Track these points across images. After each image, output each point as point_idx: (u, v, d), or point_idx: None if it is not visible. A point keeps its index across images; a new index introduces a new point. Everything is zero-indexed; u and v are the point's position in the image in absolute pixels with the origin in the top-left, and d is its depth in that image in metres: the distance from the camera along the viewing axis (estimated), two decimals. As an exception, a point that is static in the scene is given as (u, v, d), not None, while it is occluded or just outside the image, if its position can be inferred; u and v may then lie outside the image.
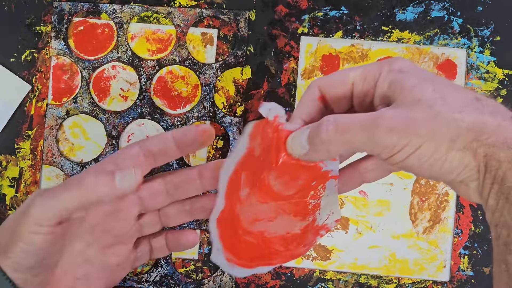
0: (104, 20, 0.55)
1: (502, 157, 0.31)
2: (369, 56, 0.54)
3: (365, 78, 0.35)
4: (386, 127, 0.31)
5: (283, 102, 0.54)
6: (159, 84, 0.55)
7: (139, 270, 0.54)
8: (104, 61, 0.55)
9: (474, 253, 0.53)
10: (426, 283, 0.53)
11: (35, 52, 0.55)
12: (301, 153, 0.35)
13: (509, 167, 0.31)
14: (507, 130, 0.31)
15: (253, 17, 0.55)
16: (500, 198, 0.31)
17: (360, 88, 0.36)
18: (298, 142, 0.35)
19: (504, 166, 0.31)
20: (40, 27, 0.55)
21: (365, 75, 0.35)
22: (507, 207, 0.31)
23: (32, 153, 0.54)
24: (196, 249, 0.54)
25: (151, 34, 0.55)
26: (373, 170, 0.38)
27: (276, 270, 0.53)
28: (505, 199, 0.31)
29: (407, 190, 0.54)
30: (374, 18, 0.54)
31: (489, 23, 0.54)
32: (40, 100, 0.54)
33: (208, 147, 0.54)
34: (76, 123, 0.55)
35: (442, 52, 0.54)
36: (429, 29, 0.54)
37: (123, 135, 0.54)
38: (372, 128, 0.32)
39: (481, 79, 0.54)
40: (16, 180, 0.54)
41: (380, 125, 0.31)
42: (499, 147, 0.31)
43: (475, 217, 0.53)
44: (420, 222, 0.54)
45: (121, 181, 0.37)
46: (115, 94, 0.55)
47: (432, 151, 0.31)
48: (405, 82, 0.33)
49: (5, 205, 0.54)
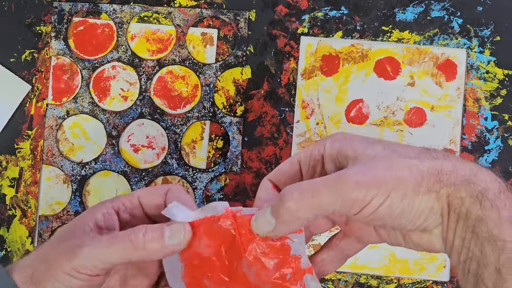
0: (104, 20, 0.55)
1: (463, 193, 0.32)
2: (369, 56, 0.54)
3: (310, 155, 0.36)
4: (353, 181, 0.32)
5: (283, 102, 0.54)
6: (159, 84, 0.55)
7: (139, 270, 0.54)
8: (104, 61, 0.55)
9: (474, 253, 0.53)
10: (426, 283, 0.53)
11: (35, 52, 0.55)
12: (269, 229, 0.34)
13: (471, 201, 0.32)
14: (463, 168, 0.32)
15: (253, 17, 0.55)
16: (466, 233, 0.32)
17: (307, 165, 0.36)
18: (263, 220, 0.34)
19: (466, 201, 0.32)
20: (40, 27, 0.55)
21: (309, 152, 0.36)
22: (474, 239, 0.32)
23: (32, 153, 0.54)
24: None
25: (151, 34, 0.55)
26: (330, 261, 0.38)
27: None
28: (471, 233, 0.32)
29: (407, 190, 0.54)
30: (374, 18, 0.54)
31: (489, 23, 0.54)
32: (40, 100, 0.54)
33: (208, 147, 0.54)
34: (76, 123, 0.55)
35: (442, 52, 0.54)
36: (429, 29, 0.54)
37: (123, 135, 0.54)
38: (339, 185, 0.32)
39: (481, 79, 0.54)
40: (16, 180, 0.54)
41: (347, 181, 0.32)
42: (460, 185, 0.32)
43: (475, 217, 0.53)
44: (420, 222, 0.53)
45: (170, 239, 0.36)
46: (115, 94, 0.55)
47: (401, 197, 0.32)
48: (354, 145, 0.34)
49: (5, 205, 0.54)
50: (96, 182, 0.54)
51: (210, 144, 0.54)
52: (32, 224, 0.54)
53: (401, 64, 0.54)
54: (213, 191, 0.54)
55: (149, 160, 0.54)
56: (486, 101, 0.54)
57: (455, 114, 0.54)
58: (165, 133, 0.54)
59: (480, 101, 0.54)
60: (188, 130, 0.54)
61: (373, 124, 0.54)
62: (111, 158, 0.54)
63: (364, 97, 0.54)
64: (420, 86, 0.54)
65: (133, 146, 0.54)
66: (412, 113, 0.54)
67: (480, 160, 0.54)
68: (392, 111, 0.54)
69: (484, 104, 0.54)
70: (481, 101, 0.54)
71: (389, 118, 0.54)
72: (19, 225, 0.54)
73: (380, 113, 0.54)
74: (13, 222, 0.54)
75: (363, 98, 0.54)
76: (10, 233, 0.54)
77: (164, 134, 0.54)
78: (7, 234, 0.54)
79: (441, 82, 0.54)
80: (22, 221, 0.54)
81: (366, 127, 0.54)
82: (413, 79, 0.54)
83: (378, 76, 0.54)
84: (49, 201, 0.54)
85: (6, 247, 0.54)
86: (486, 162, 0.53)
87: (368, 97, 0.54)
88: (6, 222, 0.54)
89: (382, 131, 0.54)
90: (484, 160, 0.53)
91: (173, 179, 0.54)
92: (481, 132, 0.54)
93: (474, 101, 0.54)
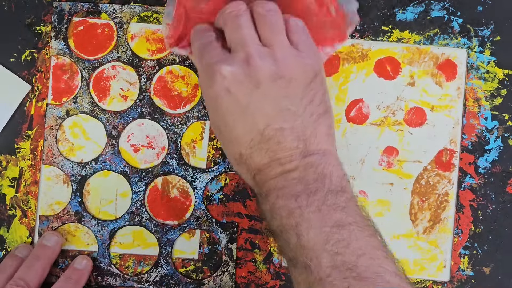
0: (104, 20, 0.55)
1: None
2: (369, 56, 0.54)
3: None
4: None
5: (283, 102, 0.54)
6: (159, 84, 0.55)
7: (139, 270, 0.54)
8: (104, 61, 0.55)
9: (474, 253, 0.53)
10: (426, 283, 0.53)
11: (35, 52, 0.55)
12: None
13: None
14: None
15: (253, 17, 0.55)
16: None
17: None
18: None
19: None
20: (40, 27, 0.55)
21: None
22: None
23: (32, 153, 0.54)
24: (196, 249, 0.54)
25: (151, 34, 0.55)
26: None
27: (276, 270, 0.53)
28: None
29: (407, 190, 0.54)
30: (374, 18, 0.54)
31: (489, 23, 0.54)
32: (40, 100, 0.54)
33: (208, 147, 0.54)
34: (76, 123, 0.55)
35: (442, 52, 0.54)
36: (429, 29, 0.54)
37: (123, 135, 0.54)
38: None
39: (481, 79, 0.54)
40: (16, 180, 0.54)
41: None
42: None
43: (475, 217, 0.53)
44: (420, 222, 0.54)
45: None
46: (115, 94, 0.55)
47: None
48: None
49: (5, 205, 0.54)
50: (96, 182, 0.54)
51: (210, 144, 0.54)
52: (32, 224, 0.54)
53: (401, 64, 0.54)
54: (213, 190, 0.54)
55: (149, 160, 0.54)
56: (486, 101, 0.54)
57: (455, 114, 0.54)
58: (165, 133, 0.54)
59: (480, 101, 0.54)
60: (188, 130, 0.54)
61: (373, 124, 0.54)
62: (111, 158, 0.54)
63: (364, 97, 0.54)
64: (420, 86, 0.54)
65: (133, 146, 0.54)
66: (412, 113, 0.54)
67: (480, 160, 0.54)
68: (392, 111, 0.54)
69: (484, 104, 0.54)
70: (481, 101, 0.54)
71: (389, 118, 0.54)
72: (19, 225, 0.54)
73: (380, 113, 0.54)
74: (13, 222, 0.54)
75: (363, 98, 0.54)
76: (10, 233, 0.54)
77: (164, 134, 0.54)
78: (7, 234, 0.54)
79: (441, 82, 0.54)
80: (22, 221, 0.54)
81: (366, 127, 0.54)
82: (413, 79, 0.54)
83: (378, 76, 0.54)
84: (49, 201, 0.54)
85: (6, 247, 0.54)
86: (486, 162, 0.54)
87: (368, 97, 0.54)
88: (6, 222, 0.54)
89: (382, 131, 0.54)
90: (484, 160, 0.54)
91: (173, 179, 0.54)
92: (481, 132, 0.54)
93: (474, 101, 0.54)
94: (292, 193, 0.42)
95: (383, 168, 0.54)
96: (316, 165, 0.42)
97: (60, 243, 0.53)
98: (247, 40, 0.43)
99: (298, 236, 0.40)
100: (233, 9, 0.45)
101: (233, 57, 0.44)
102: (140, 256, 0.54)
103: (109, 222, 0.54)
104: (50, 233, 0.53)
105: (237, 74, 0.43)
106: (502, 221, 0.53)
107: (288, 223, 0.41)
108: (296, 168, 0.42)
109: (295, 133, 0.43)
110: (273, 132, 0.43)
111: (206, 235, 0.54)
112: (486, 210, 0.53)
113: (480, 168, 0.54)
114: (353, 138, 0.54)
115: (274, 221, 0.42)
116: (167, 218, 0.54)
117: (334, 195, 0.41)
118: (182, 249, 0.54)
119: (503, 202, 0.53)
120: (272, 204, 0.42)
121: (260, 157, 0.43)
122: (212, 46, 0.45)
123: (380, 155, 0.54)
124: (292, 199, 0.41)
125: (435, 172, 0.54)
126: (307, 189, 0.41)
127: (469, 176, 0.54)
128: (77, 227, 0.54)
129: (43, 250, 0.52)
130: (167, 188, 0.54)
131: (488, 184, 0.54)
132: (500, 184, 0.54)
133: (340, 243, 0.39)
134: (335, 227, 0.40)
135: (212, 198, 0.54)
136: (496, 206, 0.53)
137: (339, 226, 0.40)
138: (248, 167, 0.44)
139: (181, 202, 0.54)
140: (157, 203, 0.54)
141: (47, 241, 0.52)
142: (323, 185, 0.41)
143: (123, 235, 0.54)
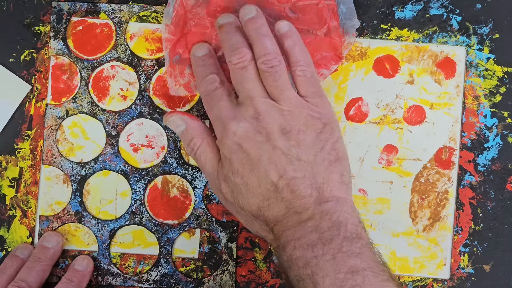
0: (103, 19, 0.55)
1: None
2: (368, 54, 0.54)
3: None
4: None
5: (283, 100, 0.54)
6: (159, 83, 0.55)
7: (140, 270, 0.54)
8: (103, 60, 0.55)
9: (474, 250, 0.53)
10: (426, 281, 0.53)
11: (34, 52, 0.55)
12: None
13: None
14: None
15: (252, 16, 0.55)
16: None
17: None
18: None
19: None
20: (39, 27, 0.55)
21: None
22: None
23: (32, 153, 0.54)
24: (196, 248, 0.54)
25: (150, 34, 0.55)
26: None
27: (276, 269, 0.54)
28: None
29: (406, 188, 0.54)
30: (373, 16, 0.54)
31: (488, 21, 0.54)
32: (39, 100, 0.54)
33: (208, 146, 0.54)
34: (75, 123, 0.55)
35: (441, 50, 0.54)
36: (428, 27, 0.54)
37: (122, 134, 0.54)
38: None
39: (480, 77, 0.54)
40: (16, 180, 0.54)
41: None
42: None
43: (475, 215, 0.53)
44: (420, 220, 0.54)
45: None
46: (114, 94, 0.55)
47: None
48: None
49: (5, 205, 0.54)
50: (96, 182, 0.54)
51: (210, 143, 0.54)
52: (32, 224, 0.54)
53: (400, 62, 0.54)
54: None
55: (149, 159, 0.54)
56: (485, 99, 0.54)
57: (455, 112, 0.54)
58: (164, 133, 0.54)
59: (480, 99, 0.54)
60: (187, 129, 0.54)
61: (372, 122, 0.54)
62: (110, 157, 0.54)
63: (363, 95, 0.54)
64: (419, 84, 0.54)
65: (133, 145, 0.54)
66: (412, 111, 0.54)
67: (479, 158, 0.54)
68: (392, 109, 0.54)
69: (483, 102, 0.54)
70: (481, 98, 0.54)
71: (388, 116, 0.54)
72: (19, 225, 0.54)
73: (379, 111, 0.54)
74: (13, 222, 0.54)
75: (362, 96, 0.54)
76: (10, 233, 0.54)
77: (163, 134, 0.54)
78: (7, 234, 0.54)
79: (440, 79, 0.54)
80: (22, 221, 0.54)
81: (365, 125, 0.54)
82: (412, 77, 0.54)
83: (377, 74, 0.54)
84: (49, 201, 0.54)
85: (6, 247, 0.54)
86: (486, 160, 0.54)
87: (367, 95, 0.54)
88: (6, 222, 0.54)
89: (381, 129, 0.54)
90: (484, 158, 0.54)
91: (173, 178, 0.54)
92: (480, 129, 0.54)
93: (473, 99, 0.54)
94: (309, 243, 0.42)
95: (382, 166, 0.54)
96: (332, 213, 0.43)
97: (60, 243, 0.53)
98: (255, 95, 0.46)
99: (314, 285, 0.41)
100: (239, 60, 0.46)
101: (242, 113, 0.46)
102: (140, 256, 0.54)
103: (109, 221, 0.54)
104: (50, 234, 0.53)
105: (248, 131, 0.45)
106: (502, 218, 0.53)
107: (304, 273, 0.42)
108: (312, 216, 0.43)
109: (307, 181, 0.44)
110: (286, 182, 0.44)
111: (206, 234, 0.54)
112: (486, 208, 0.53)
113: (480, 165, 0.54)
114: (353, 137, 0.54)
115: (292, 271, 0.43)
116: (167, 217, 0.54)
117: (349, 242, 0.42)
118: (182, 248, 0.54)
119: (502, 200, 0.54)
120: (289, 256, 0.43)
121: (278, 208, 0.44)
122: (218, 95, 0.47)
123: (379, 153, 0.54)
124: (309, 250, 0.42)
125: (434, 170, 0.54)
126: (322, 237, 0.42)
127: (468, 173, 0.54)
128: (77, 227, 0.54)
129: (44, 251, 0.52)
130: (167, 187, 0.54)
131: (488, 182, 0.54)
132: (500, 181, 0.54)
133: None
134: (349, 273, 0.41)
135: (212, 197, 0.54)
136: (496, 204, 0.53)
137: (353, 272, 0.41)
138: (266, 220, 0.45)
139: (181, 202, 0.54)
140: (157, 203, 0.54)
141: (47, 242, 0.52)
142: (338, 233, 0.42)
143: (123, 234, 0.54)
